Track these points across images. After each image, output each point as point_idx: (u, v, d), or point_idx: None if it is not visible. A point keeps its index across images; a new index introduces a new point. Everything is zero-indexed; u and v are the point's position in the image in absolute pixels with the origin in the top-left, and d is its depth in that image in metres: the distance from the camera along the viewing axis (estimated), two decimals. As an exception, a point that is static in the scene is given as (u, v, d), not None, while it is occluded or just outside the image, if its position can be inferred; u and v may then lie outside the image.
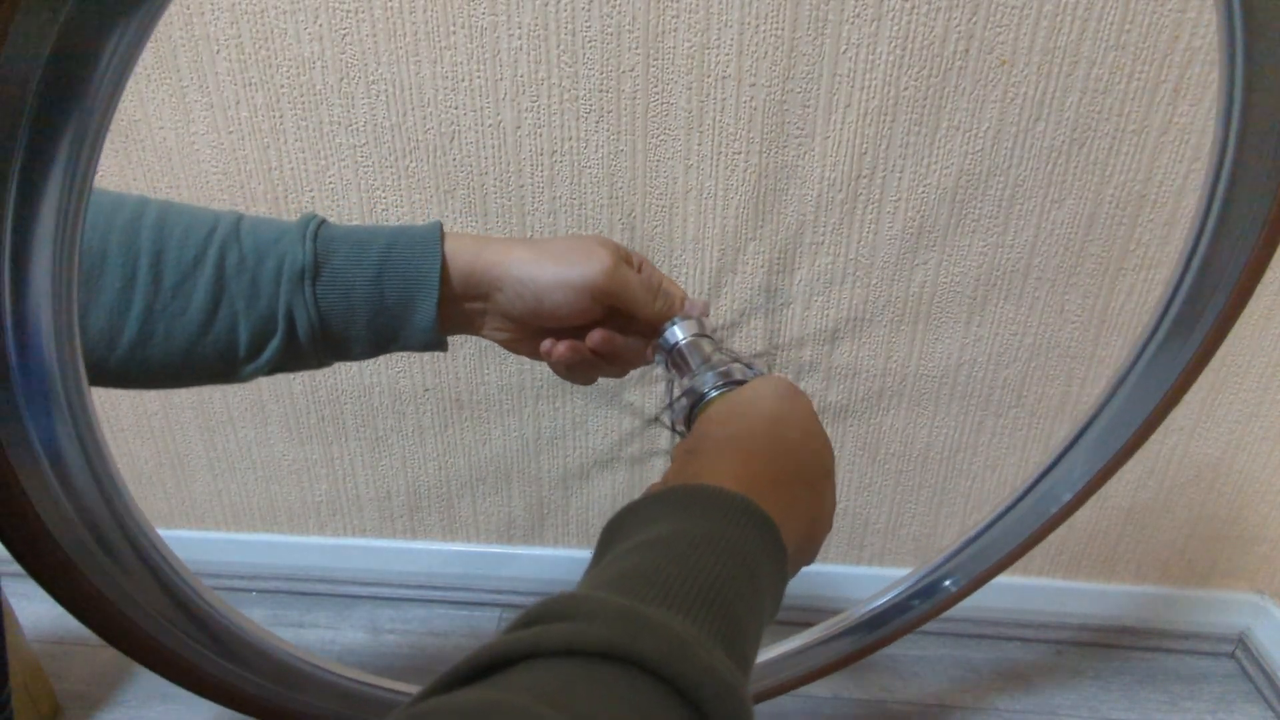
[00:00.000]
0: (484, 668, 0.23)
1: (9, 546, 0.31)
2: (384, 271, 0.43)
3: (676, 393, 0.47)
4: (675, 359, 0.48)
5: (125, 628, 0.37)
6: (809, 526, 0.37)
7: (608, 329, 0.47)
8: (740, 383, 0.44)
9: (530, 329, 0.47)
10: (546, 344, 0.47)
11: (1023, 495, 0.57)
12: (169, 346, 0.41)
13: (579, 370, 0.49)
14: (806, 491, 0.37)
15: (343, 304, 0.43)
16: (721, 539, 0.29)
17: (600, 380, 0.77)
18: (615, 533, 0.33)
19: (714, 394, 0.44)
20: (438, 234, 0.44)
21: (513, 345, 0.49)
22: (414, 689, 0.51)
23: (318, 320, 0.43)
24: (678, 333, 0.48)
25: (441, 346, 0.47)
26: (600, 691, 0.21)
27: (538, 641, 0.23)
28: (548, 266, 0.44)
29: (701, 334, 0.48)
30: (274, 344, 0.43)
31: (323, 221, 0.44)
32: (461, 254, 0.45)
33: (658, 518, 0.31)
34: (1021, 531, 0.58)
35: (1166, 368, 0.50)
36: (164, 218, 0.42)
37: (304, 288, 0.42)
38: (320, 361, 0.45)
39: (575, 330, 0.47)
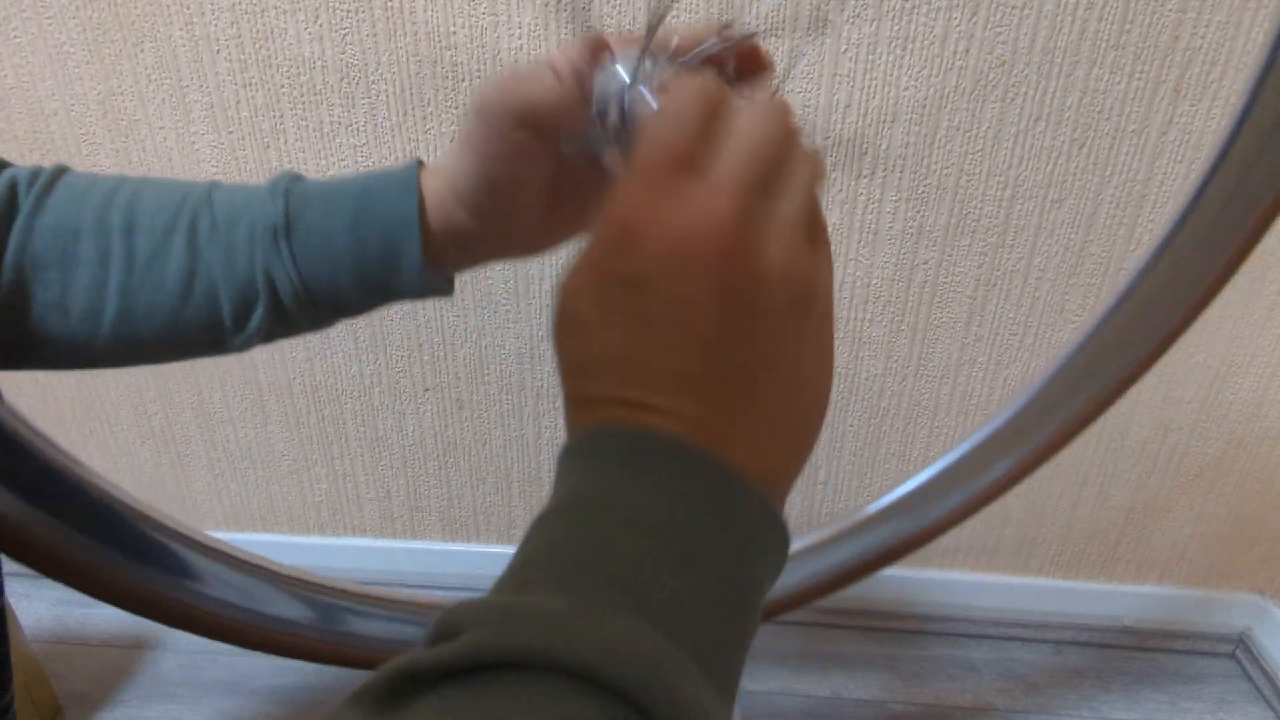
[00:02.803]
0: (385, 690, 0.20)
1: None
2: (360, 218, 0.40)
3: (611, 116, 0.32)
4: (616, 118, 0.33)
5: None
6: (790, 431, 0.25)
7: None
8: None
9: (496, 200, 0.40)
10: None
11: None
12: (152, 320, 0.40)
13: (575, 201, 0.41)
14: (780, 377, 0.25)
15: (322, 258, 0.41)
16: (617, 495, 0.23)
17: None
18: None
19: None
20: (414, 170, 0.41)
21: (523, 238, 0.42)
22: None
23: (299, 279, 0.41)
24: (612, 79, 0.32)
25: (444, 290, 0.43)
26: (475, 708, 0.19)
27: (417, 666, 0.20)
28: (464, 149, 0.38)
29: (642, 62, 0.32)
30: (259, 310, 0.41)
31: (297, 178, 0.42)
32: (437, 178, 0.40)
33: (561, 476, 0.25)
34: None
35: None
36: (138, 192, 0.41)
37: (279, 246, 0.40)
38: (315, 322, 0.43)
39: (532, 168, 0.38)
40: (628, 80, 0.30)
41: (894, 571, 0.85)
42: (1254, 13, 0.58)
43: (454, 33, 0.62)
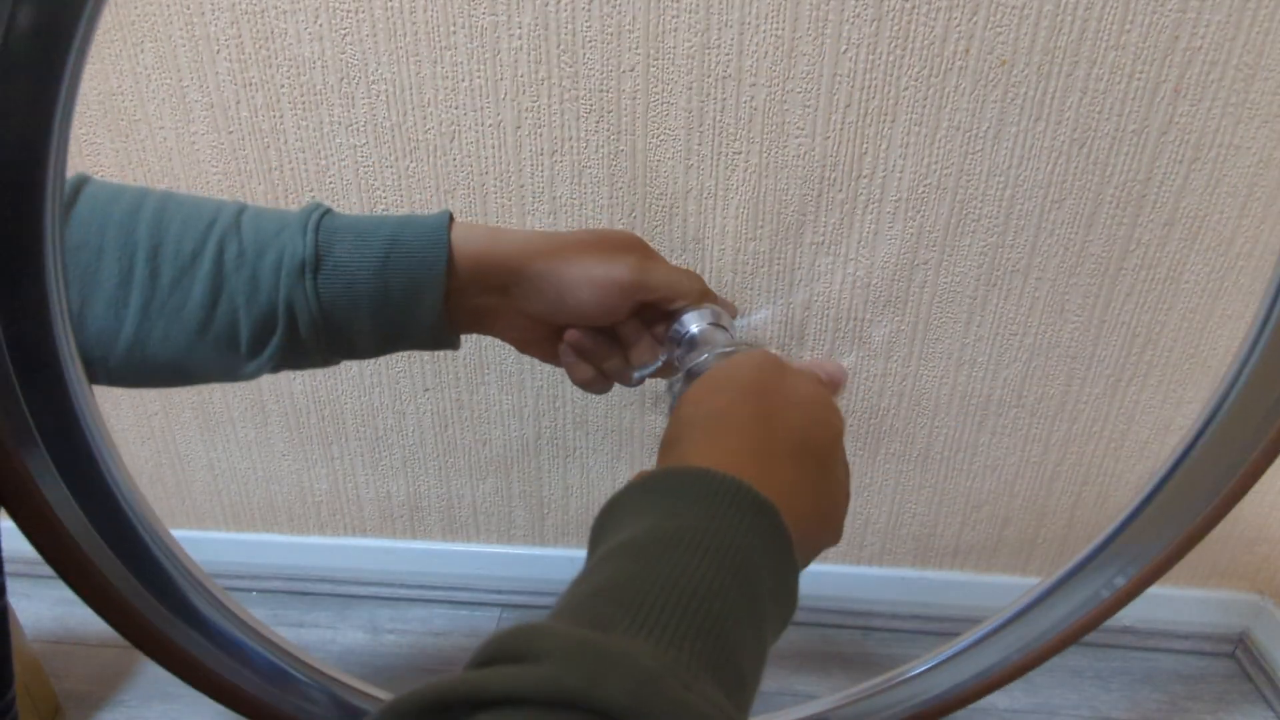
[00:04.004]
0: (432, 709, 0.20)
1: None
2: (388, 263, 0.41)
3: (678, 377, 0.44)
4: (686, 350, 0.45)
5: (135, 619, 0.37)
6: (816, 500, 0.33)
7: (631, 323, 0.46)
8: None
9: (547, 327, 0.45)
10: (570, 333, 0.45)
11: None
12: (169, 344, 0.40)
13: (591, 359, 0.46)
14: (808, 461, 0.33)
15: (345, 297, 0.41)
16: (705, 533, 0.26)
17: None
18: (600, 532, 0.30)
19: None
20: (445, 223, 0.42)
21: (526, 345, 0.47)
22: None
23: (319, 314, 0.41)
24: (690, 322, 0.45)
25: (452, 345, 0.45)
26: None
27: (484, 687, 0.20)
28: (573, 261, 0.42)
29: (716, 324, 0.46)
30: (275, 339, 0.41)
31: (326, 211, 0.42)
32: (471, 244, 0.42)
33: (636, 512, 0.28)
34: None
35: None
36: (163, 210, 0.40)
37: (304, 281, 0.40)
38: (325, 359, 0.44)
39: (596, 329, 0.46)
40: (697, 329, 0.45)
41: (894, 572, 0.86)
42: (1254, 13, 0.58)
43: (454, 33, 0.62)
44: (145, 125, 0.68)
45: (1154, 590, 0.84)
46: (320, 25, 0.63)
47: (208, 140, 0.68)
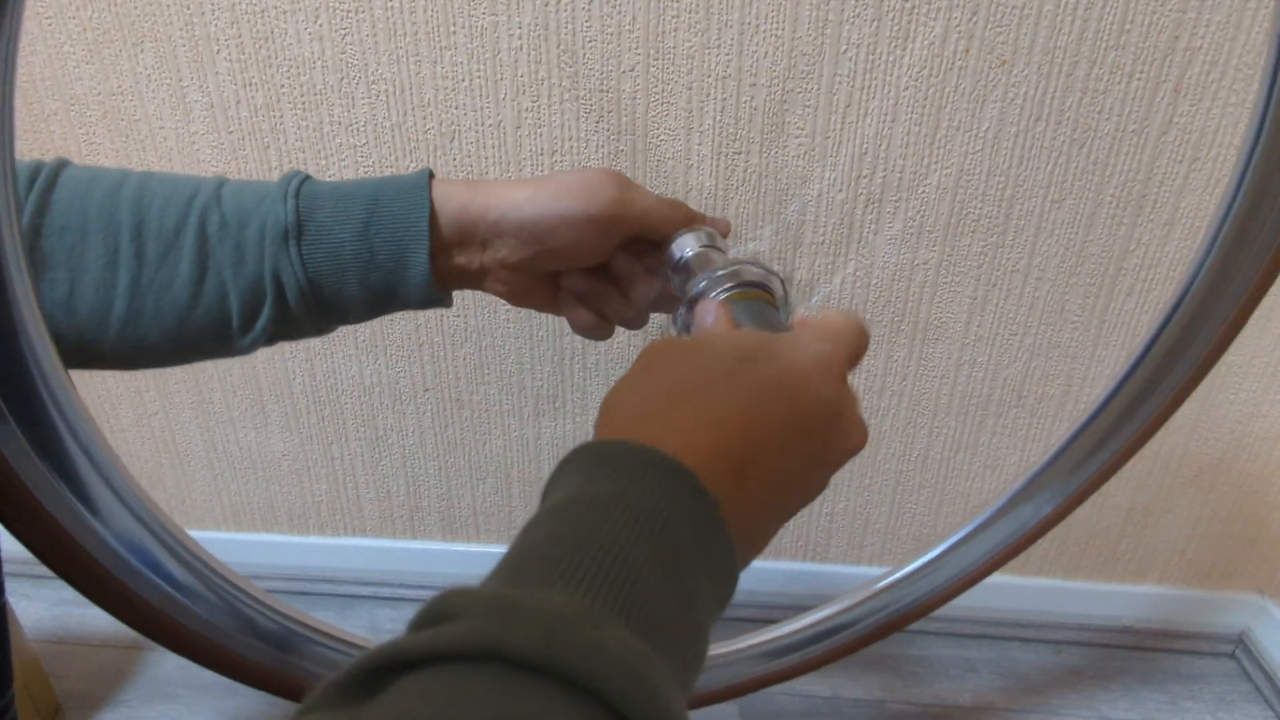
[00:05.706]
0: (364, 678, 0.20)
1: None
2: (371, 225, 0.41)
3: (681, 308, 0.41)
4: (685, 278, 0.43)
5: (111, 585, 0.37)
6: (745, 450, 0.29)
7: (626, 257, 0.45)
8: (753, 285, 0.39)
9: (537, 277, 0.44)
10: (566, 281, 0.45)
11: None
12: (161, 321, 0.40)
13: (589, 304, 0.45)
14: (730, 408, 0.30)
15: (331, 262, 0.41)
16: (618, 495, 0.26)
17: (603, 372, 0.77)
18: (540, 504, 0.30)
19: (722, 296, 0.39)
20: (425, 180, 0.42)
21: (518, 297, 0.46)
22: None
23: (306, 281, 0.41)
24: (688, 244, 0.44)
25: (444, 303, 0.45)
26: (460, 699, 0.19)
27: (405, 651, 0.20)
28: (548, 204, 0.41)
29: (713, 246, 0.44)
30: (266, 310, 0.41)
31: (306, 178, 0.42)
32: (452, 200, 0.42)
33: (562, 484, 0.29)
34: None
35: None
36: (144, 188, 0.40)
37: (288, 248, 0.40)
38: (319, 327, 0.44)
39: (590, 256, 0.44)
40: (691, 252, 0.44)
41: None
42: (1254, 13, 0.58)
43: (454, 33, 0.62)
44: (145, 125, 0.68)
45: (1154, 590, 0.84)
46: (320, 25, 0.63)
47: (208, 140, 0.68)
